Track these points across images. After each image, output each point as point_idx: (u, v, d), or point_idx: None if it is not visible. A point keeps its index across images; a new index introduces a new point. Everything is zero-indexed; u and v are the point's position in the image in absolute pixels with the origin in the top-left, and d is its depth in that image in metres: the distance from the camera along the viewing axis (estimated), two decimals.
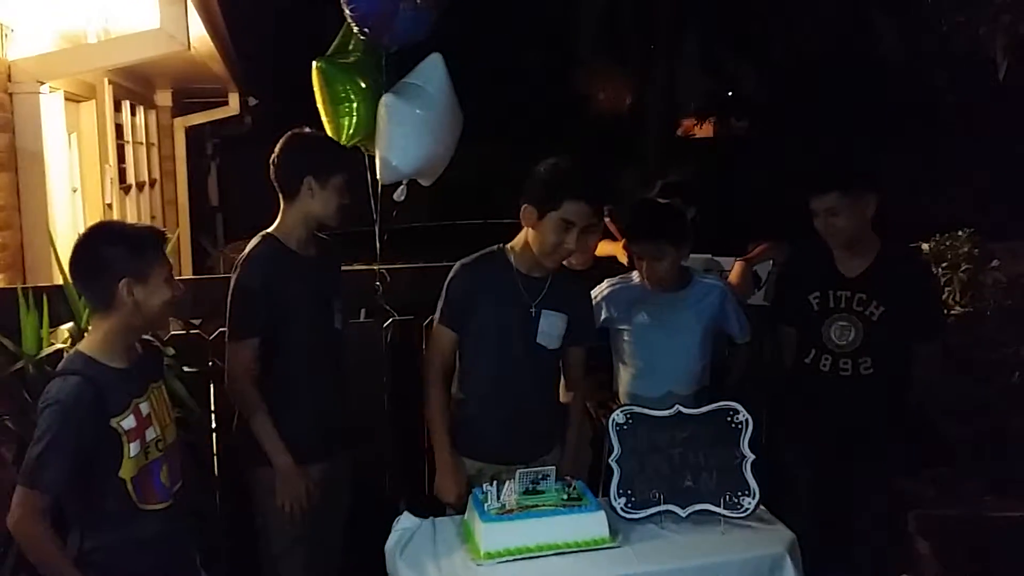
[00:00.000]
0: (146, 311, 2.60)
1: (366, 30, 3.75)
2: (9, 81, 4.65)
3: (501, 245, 3.30)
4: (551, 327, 3.23)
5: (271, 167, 3.29)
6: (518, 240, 3.26)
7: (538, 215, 3.13)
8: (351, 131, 3.79)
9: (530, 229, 3.18)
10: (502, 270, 3.24)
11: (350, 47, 3.88)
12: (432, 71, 3.86)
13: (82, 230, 2.71)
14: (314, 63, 3.81)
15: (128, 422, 2.56)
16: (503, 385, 3.24)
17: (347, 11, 3.74)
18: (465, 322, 3.24)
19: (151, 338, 2.88)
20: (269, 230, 3.30)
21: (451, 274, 3.29)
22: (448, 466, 3.22)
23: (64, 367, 2.58)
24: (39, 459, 2.44)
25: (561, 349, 3.30)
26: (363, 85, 3.80)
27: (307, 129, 3.44)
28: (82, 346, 2.62)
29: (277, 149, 3.30)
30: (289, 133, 3.34)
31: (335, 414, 3.38)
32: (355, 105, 3.78)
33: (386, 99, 3.75)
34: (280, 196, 3.30)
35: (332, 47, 3.91)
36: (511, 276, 3.23)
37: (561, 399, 3.41)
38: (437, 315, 3.30)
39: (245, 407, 3.23)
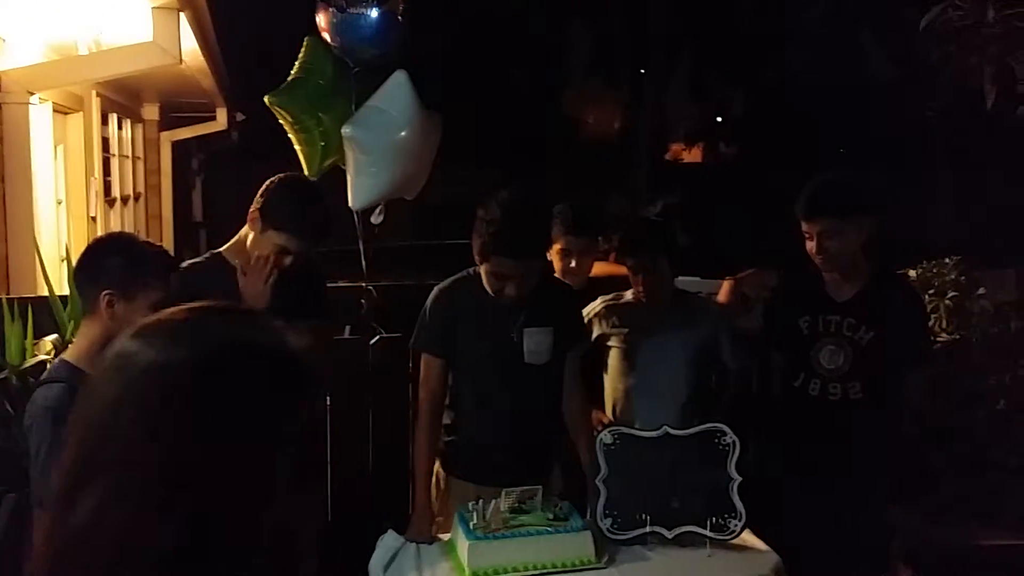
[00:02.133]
0: (124, 330, 2.55)
1: (343, 53, 3.75)
2: None
3: (475, 270, 3.21)
4: (537, 344, 3.18)
5: None
6: None
7: (478, 261, 3.11)
8: (320, 161, 3.76)
9: None
10: (478, 295, 3.17)
11: (309, 69, 3.82)
12: (396, 91, 3.75)
13: (65, 242, 2.69)
14: (266, 98, 3.73)
15: None
16: (496, 407, 3.20)
17: (328, 36, 3.74)
18: (450, 346, 3.19)
19: None
20: (220, 249, 3.22)
21: (429, 300, 3.24)
22: (424, 513, 3.14)
23: (48, 375, 2.55)
24: (43, 477, 2.38)
25: (556, 360, 3.24)
26: (324, 113, 3.73)
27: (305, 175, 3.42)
28: (67, 355, 2.60)
29: None
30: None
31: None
32: (317, 135, 3.72)
33: (345, 130, 3.67)
34: None
35: (294, 71, 3.83)
36: (488, 300, 3.16)
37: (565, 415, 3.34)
38: (420, 344, 3.23)
39: None
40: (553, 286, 3.37)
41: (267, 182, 3.15)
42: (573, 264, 3.70)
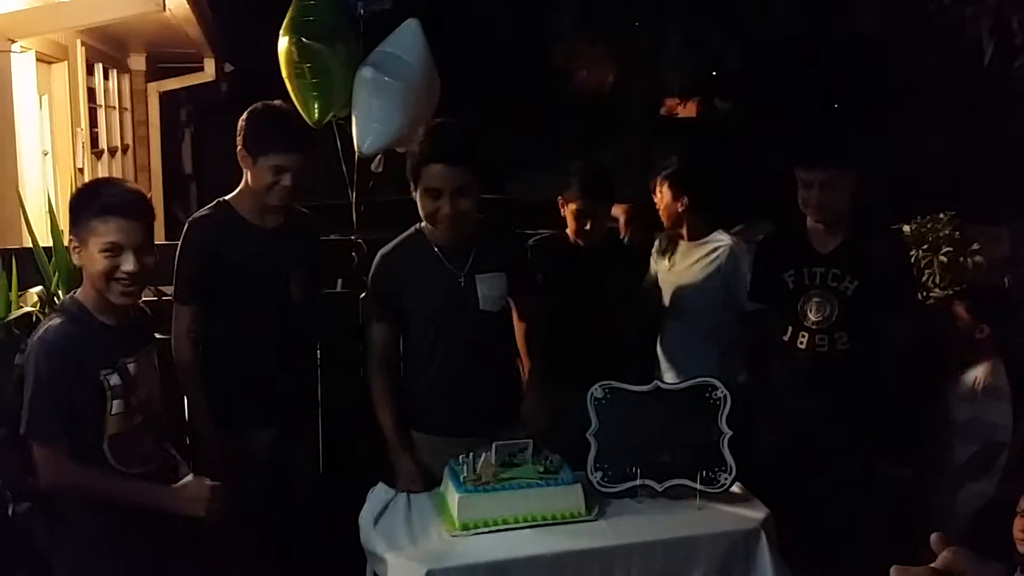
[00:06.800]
0: (88, 276, 2.57)
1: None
2: None
3: (418, 225, 3.20)
4: (491, 289, 3.16)
5: None
6: None
7: (414, 187, 3.07)
8: (322, 110, 3.71)
9: None
10: (422, 249, 3.15)
11: (309, 14, 3.74)
12: (410, 39, 3.79)
13: (52, 193, 2.70)
14: (285, 40, 3.68)
15: (114, 378, 2.53)
16: (451, 360, 3.17)
17: None
18: (399, 311, 3.17)
19: (143, 304, 2.86)
20: (226, 197, 3.28)
21: (373, 267, 3.21)
22: (406, 463, 3.11)
23: (57, 307, 2.64)
24: (32, 405, 2.43)
25: (506, 307, 3.24)
26: (333, 60, 3.69)
27: (277, 101, 3.39)
28: (78, 294, 2.63)
29: None
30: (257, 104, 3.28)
31: (284, 384, 3.33)
32: (322, 82, 3.69)
33: (364, 72, 3.68)
34: None
35: (292, 12, 3.75)
36: (432, 253, 3.14)
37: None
38: (369, 314, 3.24)
39: (180, 372, 3.21)
40: (499, 231, 3.32)
41: (240, 120, 3.18)
42: (588, 227, 3.71)
